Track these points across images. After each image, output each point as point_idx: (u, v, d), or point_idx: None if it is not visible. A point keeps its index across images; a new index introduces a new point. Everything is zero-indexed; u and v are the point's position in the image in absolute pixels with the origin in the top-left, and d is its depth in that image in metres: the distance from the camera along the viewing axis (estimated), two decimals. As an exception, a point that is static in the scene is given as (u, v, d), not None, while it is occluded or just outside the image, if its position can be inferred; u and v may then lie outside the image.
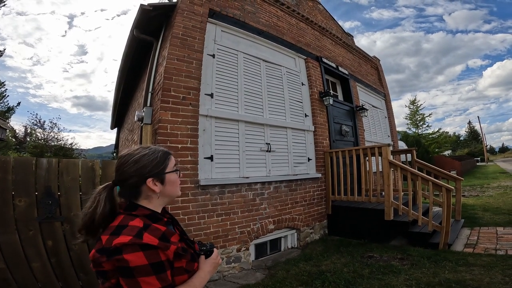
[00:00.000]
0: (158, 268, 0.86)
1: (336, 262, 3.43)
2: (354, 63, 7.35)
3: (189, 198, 3.23)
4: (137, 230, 0.87)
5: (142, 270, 0.82)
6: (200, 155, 3.42)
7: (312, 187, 4.81)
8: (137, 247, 0.83)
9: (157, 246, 0.86)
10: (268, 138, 4.30)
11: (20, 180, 2.41)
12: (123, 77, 5.79)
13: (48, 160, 2.58)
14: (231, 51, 4.12)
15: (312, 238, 4.63)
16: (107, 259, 0.83)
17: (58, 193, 2.52)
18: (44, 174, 2.50)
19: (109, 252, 0.83)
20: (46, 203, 2.43)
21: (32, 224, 2.46)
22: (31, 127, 16.13)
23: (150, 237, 0.87)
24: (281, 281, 3.02)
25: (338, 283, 2.78)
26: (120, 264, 0.82)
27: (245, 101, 4.09)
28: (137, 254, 0.82)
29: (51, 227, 2.51)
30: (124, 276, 0.83)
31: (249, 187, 3.84)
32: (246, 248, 3.64)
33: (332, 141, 5.42)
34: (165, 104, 3.26)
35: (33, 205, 2.43)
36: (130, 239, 0.83)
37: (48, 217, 2.46)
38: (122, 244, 0.82)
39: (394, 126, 8.65)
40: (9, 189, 2.37)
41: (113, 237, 0.85)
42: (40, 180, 2.48)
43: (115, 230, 0.87)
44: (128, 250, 0.82)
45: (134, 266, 0.82)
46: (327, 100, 5.25)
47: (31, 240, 2.48)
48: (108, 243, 0.84)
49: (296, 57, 5.24)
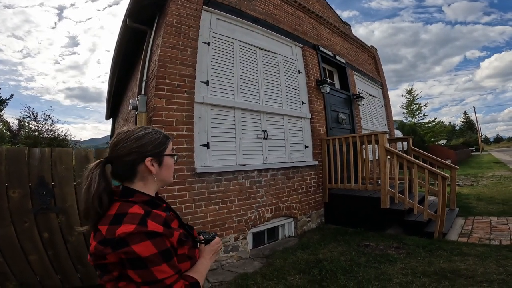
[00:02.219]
0: (168, 255, 0.83)
1: (333, 250, 3.50)
2: (351, 52, 7.40)
3: (185, 186, 3.23)
4: (139, 217, 0.83)
5: (154, 260, 0.79)
6: (196, 143, 3.42)
7: (309, 174, 4.84)
8: (144, 236, 0.80)
9: (163, 233, 0.83)
10: (265, 125, 4.31)
11: (13, 171, 2.39)
12: (116, 67, 5.72)
13: (40, 150, 2.55)
14: (227, 39, 4.09)
15: (309, 226, 4.70)
16: (112, 251, 0.78)
17: (52, 183, 2.50)
18: (37, 164, 2.48)
19: (114, 244, 0.78)
20: (40, 194, 2.42)
21: (27, 216, 2.44)
22: (24, 120, 15.96)
23: (154, 224, 0.83)
24: (278, 269, 3.08)
25: (335, 271, 2.84)
26: (129, 256, 0.78)
27: (241, 88, 4.08)
28: (145, 244, 0.79)
29: (46, 218, 2.51)
30: (136, 268, 0.79)
31: (246, 175, 3.85)
32: (244, 237, 3.69)
33: (329, 129, 5.46)
34: (160, 92, 3.22)
35: (27, 196, 2.42)
36: (134, 228, 0.79)
37: (43, 208, 2.45)
38: (126, 234, 0.78)
39: (391, 115, 8.78)
40: (2, 181, 2.35)
41: (114, 226, 0.81)
42: (33, 170, 2.46)
43: (114, 219, 0.83)
44: (135, 240, 0.78)
45: (146, 256, 0.78)
46: (324, 88, 5.28)
47: (27, 233, 2.48)
48: (110, 233, 0.80)
49: (293, 45, 5.23)
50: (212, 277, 3.06)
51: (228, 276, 3.06)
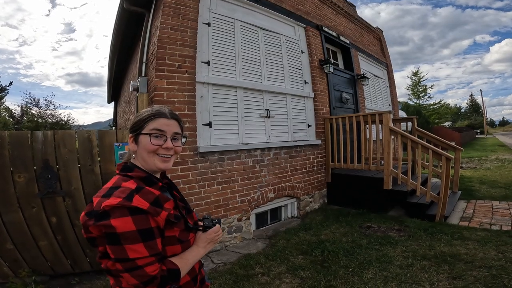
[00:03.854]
0: (147, 235, 0.80)
1: (335, 231, 3.59)
2: (356, 33, 7.29)
3: (188, 166, 3.27)
4: (128, 192, 0.81)
5: (129, 237, 0.77)
6: (198, 122, 3.42)
7: (312, 154, 4.88)
8: (126, 211, 0.78)
9: (147, 211, 0.80)
10: (267, 104, 4.29)
11: (17, 155, 2.39)
12: (115, 51, 5.65)
13: (43, 133, 2.54)
14: (227, 19, 3.98)
15: (312, 207, 4.80)
16: (94, 224, 0.78)
17: (56, 166, 2.51)
18: (40, 147, 2.48)
19: (97, 216, 0.78)
20: (46, 178, 2.44)
21: (34, 201, 2.48)
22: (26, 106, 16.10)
23: (140, 200, 0.81)
24: (281, 250, 3.17)
25: (337, 252, 2.92)
26: (107, 230, 0.77)
27: (243, 68, 4.04)
28: (125, 219, 0.77)
29: (53, 202, 2.55)
30: (110, 243, 0.78)
31: (248, 154, 3.88)
32: (247, 217, 3.79)
33: (332, 108, 5.46)
34: (160, 73, 3.19)
35: (33, 181, 2.44)
36: (119, 201, 0.78)
37: (49, 192, 2.48)
38: (110, 207, 0.77)
39: (395, 96, 8.80)
40: (7, 165, 2.36)
41: (103, 199, 0.80)
42: (37, 154, 2.46)
43: (107, 192, 0.83)
44: (116, 214, 0.77)
45: (121, 232, 0.76)
46: (327, 68, 5.25)
47: (35, 218, 2.52)
48: (98, 205, 0.79)
49: (296, 25, 5.11)
50: (216, 257, 3.18)
51: (232, 257, 3.17)
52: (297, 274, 2.61)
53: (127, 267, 0.78)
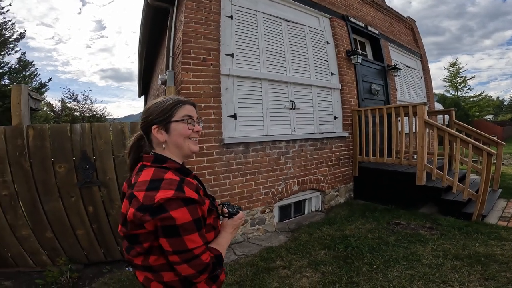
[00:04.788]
0: (199, 224, 0.84)
1: (361, 227, 3.52)
2: (385, 23, 6.98)
3: (214, 157, 3.36)
4: (176, 183, 0.83)
5: (187, 228, 0.80)
6: (223, 114, 3.50)
7: (338, 146, 4.79)
8: (181, 202, 0.80)
9: (197, 201, 0.84)
10: (292, 96, 4.26)
11: (58, 146, 2.60)
12: (143, 46, 5.94)
13: (81, 125, 2.73)
14: (250, 12, 3.97)
15: (337, 201, 4.74)
16: (151, 218, 0.78)
17: (93, 157, 2.69)
18: (79, 139, 2.66)
19: (152, 210, 0.78)
20: (84, 168, 2.63)
21: (73, 190, 2.67)
22: (66, 101, 17.59)
23: (190, 190, 0.84)
24: (303, 244, 3.18)
25: (361, 248, 2.88)
26: (165, 223, 0.78)
27: (267, 60, 4.03)
28: (182, 210, 0.79)
29: (90, 192, 2.73)
30: (169, 236, 0.79)
31: (273, 146, 3.91)
32: (270, 210, 3.83)
33: (360, 100, 5.30)
34: (186, 66, 3.28)
35: (72, 171, 2.64)
36: (173, 193, 0.79)
37: (87, 182, 2.67)
38: (165, 200, 0.78)
39: (431, 87, 8.38)
40: (48, 156, 2.57)
41: (151, 192, 0.80)
42: (76, 145, 2.65)
43: (151, 185, 0.83)
44: (173, 206, 0.78)
45: (181, 223, 0.79)
46: (355, 59, 5.11)
47: (74, 207, 2.72)
48: (148, 199, 0.79)
49: (320, 16, 4.99)
50: (238, 249, 3.26)
51: (254, 249, 3.24)
52: (318, 269, 2.61)
53: (186, 258, 0.81)
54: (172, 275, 0.87)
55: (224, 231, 1.02)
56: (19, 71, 15.32)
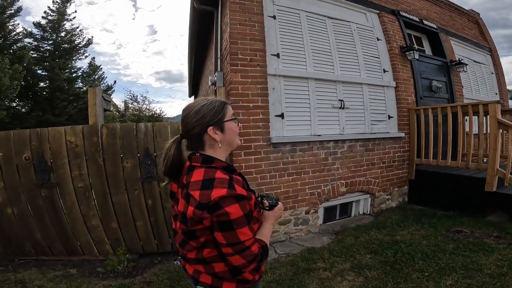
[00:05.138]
0: (249, 218, 0.97)
1: (414, 233, 3.47)
2: (444, 16, 6.71)
3: (261, 156, 3.61)
4: (227, 182, 0.95)
5: (240, 222, 0.92)
6: (271, 113, 3.72)
7: (392, 147, 4.72)
8: (233, 199, 0.92)
9: (246, 196, 0.96)
10: (341, 95, 4.32)
11: (126, 144, 3.10)
12: (192, 49, 6.55)
13: (145, 125, 3.22)
14: (292, 11, 4.16)
15: (388, 205, 4.68)
16: (209, 215, 0.91)
17: (154, 154, 3.15)
18: (143, 137, 3.14)
19: (209, 208, 0.91)
20: (146, 164, 3.11)
21: (136, 184, 3.15)
22: (128, 102, 20.73)
23: (239, 188, 0.96)
24: (348, 247, 3.23)
25: (413, 255, 2.85)
26: (221, 218, 0.91)
27: (313, 59, 4.15)
28: (234, 206, 0.91)
29: (150, 186, 3.19)
30: (224, 230, 0.92)
31: (321, 146, 4.03)
32: (315, 210, 3.97)
33: (419, 98, 5.16)
34: (234, 67, 3.57)
35: (137, 166, 3.13)
36: (226, 191, 0.91)
37: (148, 176, 3.13)
38: (220, 197, 0.90)
39: (504, 83, 7.83)
40: (118, 153, 3.10)
41: (206, 191, 0.92)
42: (140, 143, 3.13)
43: (204, 184, 0.95)
44: (227, 202, 0.91)
45: (234, 218, 0.91)
46: (411, 55, 5.00)
47: (136, 200, 3.18)
48: (205, 198, 0.92)
49: (367, 12, 5.00)
50: (279, 248, 3.45)
51: (295, 249, 3.40)
52: (361, 273, 2.65)
53: (238, 249, 0.95)
54: (222, 266, 1.02)
55: (266, 222, 1.15)
56: (90, 75, 17.86)
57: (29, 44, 15.24)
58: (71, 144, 3.04)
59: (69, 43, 16.66)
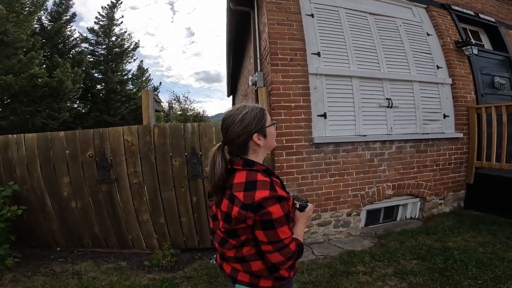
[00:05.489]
0: (288, 217, 1.09)
1: (470, 240, 3.42)
2: (502, 9, 6.37)
3: (303, 156, 3.76)
4: (269, 184, 1.06)
5: (280, 221, 1.03)
6: (313, 113, 3.86)
7: (448, 149, 4.61)
8: (275, 200, 1.03)
9: (286, 198, 1.08)
10: (388, 93, 4.31)
11: (175, 143, 3.49)
12: (230, 50, 6.91)
13: (191, 125, 3.57)
14: (330, 8, 4.24)
15: (440, 210, 4.59)
16: (253, 214, 1.02)
17: (200, 153, 3.50)
18: (190, 136, 3.51)
19: (254, 208, 1.02)
20: (193, 162, 3.48)
21: (183, 182, 3.52)
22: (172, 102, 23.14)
23: (280, 189, 1.08)
24: (391, 252, 3.27)
25: (466, 262, 2.84)
26: (264, 217, 1.02)
27: (356, 56, 4.20)
28: (276, 207, 1.02)
29: (195, 184, 3.54)
30: (266, 229, 1.04)
31: (366, 146, 4.07)
32: (357, 213, 4.04)
33: (479, 95, 4.97)
34: (275, 67, 3.77)
35: (184, 165, 3.50)
36: (269, 193, 1.02)
37: (194, 175, 3.49)
38: (263, 198, 1.01)
39: None
40: (168, 151, 3.50)
41: (250, 192, 1.04)
42: (187, 142, 3.50)
43: (247, 186, 1.07)
44: (269, 203, 1.02)
45: (276, 218, 1.02)
46: (469, 50, 4.85)
47: (182, 197, 3.55)
48: (249, 199, 1.03)
49: (412, 6, 4.95)
50: (317, 249, 3.57)
51: (334, 251, 3.50)
52: (405, 279, 2.69)
53: (278, 247, 1.06)
54: (260, 264, 1.13)
55: (299, 223, 1.27)
56: (138, 77, 19.50)
57: (86, 49, 17.17)
58: (128, 143, 3.50)
59: (119, 47, 18.35)
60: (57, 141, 3.53)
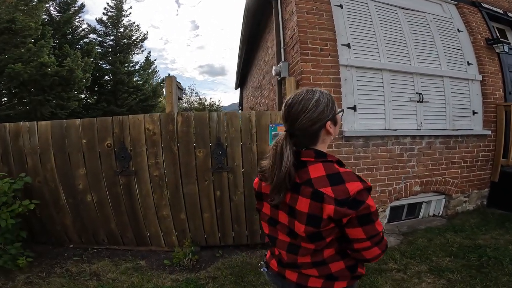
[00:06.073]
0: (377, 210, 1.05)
1: (498, 238, 3.33)
2: None
3: (332, 150, 3.58)
4: (353, 175, 0.94)
5: (376, 213, 0.93)
6: (343, 105, 3.68)
7: (476, 146, 4.47)
8: (367, 191, 0.91)
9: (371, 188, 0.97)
10: (419, 88, 4.15)
11: (199, 132, 3.19)
12: (244, 41, 6.81)
13: (217, 113, 3.28)
14: (359, 0, 4.09)
15: (465, 208, 4.45)
16: (353, 210, 0.88)
17: (225, 144, 3.21)
18: (215, 126, 3.22)
19: (350, 203, 0.88)
20: (217, 154, 3.19)
21: (207, 174, 3.22)
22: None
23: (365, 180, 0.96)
24: (421, 249, 3.16)
25: (501, 260, 2.76)
26: (364, 212, 0.89)
27: (387, 50, 4.04)
28: (370, 198, 0.91)
29: (220, 177, 3.25)
30: (365, 224, 0.91)
31: (396, 141, 3.91)
32: (383, 209, 3.86)
33: (508, 93, 4.88)
34: (305, 56, 3.58)
35: (208, 156, 3.20)
36: (362, 184, 0.91)
37: (219, 167, 3.21)
38: (358, 191, 0.89)
39: None
40: (191, 141, 3.21)
41: (339, 186, 0.90)
42: (212, 132, 3.20)
43: (333, 180, 0.92)
44: (364, 195, 0.90)
45: (374, 210, 0.91)
46: (500, 47, 4.84)
47: (205, 191, 3.24)
48: (341, 193, 0.89)
49: (443, 2, 4.88)
50: None
51: None
52: (443, 276, 2.60)
53: (377, 240, 0.94)
54: (341, 264, 1.00)
55: None
56: (145, 69, 19.04)
57: (94, 40, 16.77)
58: (149, 132, 3.19)
59: (128, 38, 17.97)
60: (73, 129, 3.23)
